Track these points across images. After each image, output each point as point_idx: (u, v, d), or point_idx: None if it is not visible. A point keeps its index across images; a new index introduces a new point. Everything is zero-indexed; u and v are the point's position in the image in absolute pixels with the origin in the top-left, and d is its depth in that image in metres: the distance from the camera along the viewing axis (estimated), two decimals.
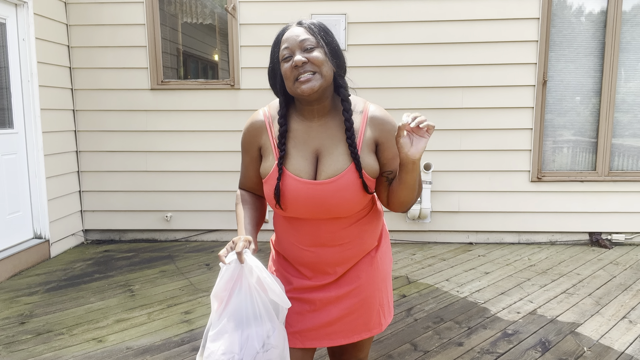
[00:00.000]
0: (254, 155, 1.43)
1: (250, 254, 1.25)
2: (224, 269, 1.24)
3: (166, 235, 4.77)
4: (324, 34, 1.32)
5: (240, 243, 1.24)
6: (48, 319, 3.00)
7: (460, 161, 4.50)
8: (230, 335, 1.24)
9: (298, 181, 1.32)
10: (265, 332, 1.25)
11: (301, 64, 1.26)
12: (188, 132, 4.58)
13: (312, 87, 1.27)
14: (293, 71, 1.27)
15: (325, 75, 1.29)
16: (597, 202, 4.50)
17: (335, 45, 1.34)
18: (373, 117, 1.36)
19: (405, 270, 3.87)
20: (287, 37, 1.31)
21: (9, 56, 3.88)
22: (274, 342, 1.26)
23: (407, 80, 4.42)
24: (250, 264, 1.23)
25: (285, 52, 1.29)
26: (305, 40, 1.29)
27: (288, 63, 1.29)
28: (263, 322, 1.25)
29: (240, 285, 1.25)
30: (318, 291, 1.44)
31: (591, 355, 2.55)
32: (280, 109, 1.37)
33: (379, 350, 2.60)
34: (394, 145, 1.37)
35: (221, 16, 4.60)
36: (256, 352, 1.23)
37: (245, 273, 1.24)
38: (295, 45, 1.29)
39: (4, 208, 3.84)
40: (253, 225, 1.41)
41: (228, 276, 1.24)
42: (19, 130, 3.99)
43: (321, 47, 1.30)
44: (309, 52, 1.28)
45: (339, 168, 1.32)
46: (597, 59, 4.39)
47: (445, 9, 4.33)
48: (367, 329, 1.49)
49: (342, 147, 1.33)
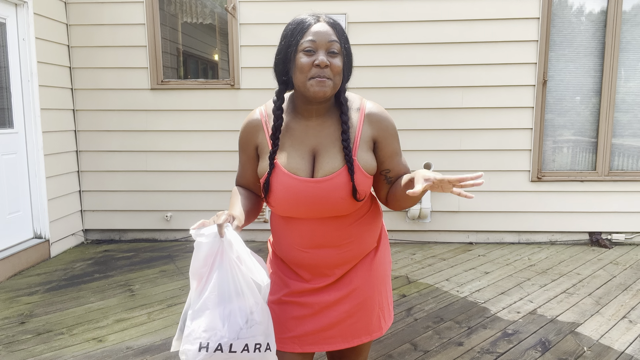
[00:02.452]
0: (250, 154, 1.42)
1: (232, 229, 1.21)
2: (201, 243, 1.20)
3: (166, 235, 4.77)
4: (346, 40, 1.32)
5: (222, 216, 1.21)
6: (48, 318, 3.00)
7: (460, 161, 4.50)
8: (211, 312, 1.20)
9: (294, 178, 1.31)
10: (249, 307, 1.21)
11: (324, 66, 1.25)
12: (188, 132, 4.58)
13: (325, 93, 1.27)
14: (312, 69, 1.26)
15: (337, 84, 1.30)
16: (597, 202, 4.50)
17: (351, 54, 1.35)
18: (370, 114, 1.36)
19: (405, 270, 3.87)
20: (317, 31, 1.27)
21: (9, 56, 3.88)
22: (258, 318, 1.22)
23: (407, 80, 4.42)
24: (229, 239, 1.19)
25: (309, 44, 1.27)
26: (333, 43, 1.28)
27: (309, 57, 1.27)
28: (245, 297, 1.21)
29: (221, 260, 1.21)
30: (316, 294, 1.42)
31: (591, 355, 2.55)
32: (278, 99, 1.35)
33: (379, 350, 2.60)
34: (391, 144, 1.37)
35: (221, 16, 4.60)
36: (240, 328, 1.20)
37: (226, 248, 1.20)
38: (323, 44, 1.27)
39: (4, 208, 3.84)
40: (243, 208, 1.36)
41: (208, 250, 1.20)
42: (19, 130, 3.99)
43: (342, 55, 1.30)
44: (332, 57, 1.27)
45: (336, 166, 1.31)
46: (597, 58, 4.39)
47: (445, 8, 4.33)
48: (367, 333, 1.46)
49: (339, 146, 1.33)
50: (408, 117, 4.44)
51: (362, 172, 1.32)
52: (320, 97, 1.27)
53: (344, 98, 1.35)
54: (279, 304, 1.44)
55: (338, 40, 1.29)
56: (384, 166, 1.38)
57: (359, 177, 1.32)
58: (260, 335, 1.23)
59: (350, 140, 1.32)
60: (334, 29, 1.30)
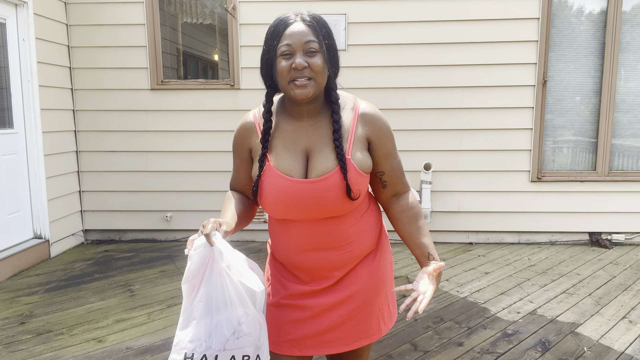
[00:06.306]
0: (244, 157, 1.41)
1: (220, 236, 1.20)
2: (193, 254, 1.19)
3: (166, 235, 4.77)
4: (327, 35, 1.29)
5: (209, 225, 1.20)
6: (48, 319, 3.00)
7: (460, 161, 4.50)
8: (198, 322, 1.19)
9: (288, 180, 1.30)
10: (237, 318, 1.20)
11: (302, 68, 1.23)
12: (188, 132, 4.58)
13: (307, 94, 1.25)
14: (291, 72, 1.25)
15: (320, 83, 1.27)
16: (597, 202, 4.50)
17: (334, 49, 1.32)
18: (364, 114, 1.35)
19: (405, 270, 3.87)
20: (291, 33, 1.25)
21: (9, 56, 3.88)
22: (247, 329, 1.21)
23: (407, 80, 4.42)
24: (219, 247, 1.18)
25: (285, 48, 1.25)
26: (310, 43, 1.25)
27: (287, 61, 1.25)
28: (234, 308, 1.20)
29: (211, 270, 1.20)
30: (315, 297, 1.41)
31: (591, 355, 2.55)
32: (267, 102, 1.35)
33: (379, 350, 2.60)
34: (385, 145, 1.36)
35: (221, 16, 4.60)
36: (226, 340, 1.19)
37: (216, 257, 1.19)
38: (299, 45, 1.24)
39: (4, 208, 3.84)
40: (233, 214, 1.36)
41: (199, 261, 1.19)
42: (19, 130, 3.99)
43: (322, 52, 1.27)
44: (310, 57, 1.25)
45: (329, 166, 1.30)
46: (597, 59, 4.39)
47: (445, 8, 4.33)
48: (366, 336, 1.45)
49: (332, 146, 1.31)
50: (408, 117, 4.44)
51: (356, 171, 1.31)
52: (304, 99, 1.26)
53: (334, 97, 1.33)
54: (277, 307, 1.43)
55: (316, 39, 1.26)
56: (378, 167, 1.38)
57: (353, 175, 1.30)
58: (249, 347, 1.22)
59: (342, 139, 1.31)
60: (311, 27, 1.26)
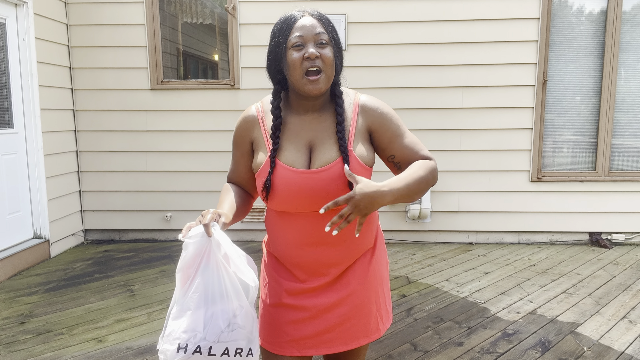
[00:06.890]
0: (245, 150, 1.43)
1: (219, 227, 1.20)
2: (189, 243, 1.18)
3: (166, 235, 4.77)
4: (333, 30, 1.33)
5: (208, 215, 1.20)
6: (48, 319, 3.00)
7: (460, 161, 4.50)
8: (193, 313, 1.18)
9: (291, 171, 1.31)
10: (232, 310, 1.19)
11: (314, 57, 1.26)
12: (188, 132, 4.58)
13: (320, 89, 1.29)
14: (304, 62, 1.27)
15: (330, 76, 1.31)
16: (597, 202, 4.50)
17: (340, 44, 1.36)
18: (364, 105, 1.38)
19: (405, 270, 3.87)
20: (302, 25, 1.29)
21: (9, 56, 3.88)
22: (241, 322, 1.20)
23: (407, 80, 4.42)
24: (217, 239, 1.17)
25: (297, 39, 1.28)
26: (321, 34, 1.29)
27: (299, 52, 1.27)
28: (230, 300, 1.19)
29: (207, 261, 1.19)
30: (313, 297, 1.41)
31: (591, 355, 2.55)
32: (275, 99, 1.36)
33: (379, 350, 2.60)
34: (389, 128, 1.37)
35: (221, 16, 4.60)
36: (221, 331, 1.18)
37: (213, 248, 1.18)
38: (311, 36, 1.28)
39: (4, 208, 3.84)
40: (231, 206, 1.36)
41: (195, 250, 1.18)
42: (19, 130, 3.99)
43: (332, 45, 1.31)
44: (321, 48, 1.28)
45: (332, 157, 1.32)
46: (597, 59, 4.39)
47: (445, 8, 4.33)
48: (365, 335, 1.46)
49: (334, 138, 1.34)
50: (408, 117, 4.44)
51: (358, 163, 1.33)
52: (315, 94, 1.29)
53: (338, 91, 1.37)
54: (275, 307, 1.43)
55: (325, 31, 1.30)
56: (387, 152, 1.39)
57: (355, 167, 1.32)
58: (242, 339, 1.21)
59: (345, 131, 1.34)
60: (320, 21, 1.31)
